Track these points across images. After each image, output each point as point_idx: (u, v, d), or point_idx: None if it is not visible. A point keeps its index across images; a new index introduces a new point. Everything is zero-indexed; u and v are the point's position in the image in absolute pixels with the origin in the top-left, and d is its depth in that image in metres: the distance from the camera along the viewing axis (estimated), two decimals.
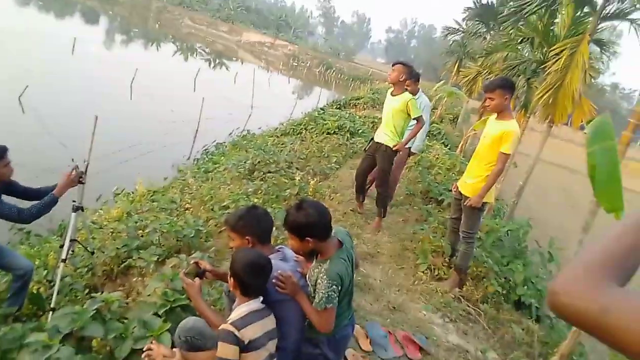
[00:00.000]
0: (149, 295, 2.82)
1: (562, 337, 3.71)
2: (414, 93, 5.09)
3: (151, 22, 60.36)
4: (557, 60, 6.23)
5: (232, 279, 2.16)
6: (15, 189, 3.52)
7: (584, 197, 4.13)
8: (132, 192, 7.13)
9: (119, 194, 7.26)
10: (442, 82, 20.00)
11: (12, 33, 19.10)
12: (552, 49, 6.53)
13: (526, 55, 8.19)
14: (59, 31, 24.65)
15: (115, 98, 15.91)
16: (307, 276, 2.36)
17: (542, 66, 7.06)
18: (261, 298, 2.18)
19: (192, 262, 2.55)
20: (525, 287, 4.51)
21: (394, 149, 4.96)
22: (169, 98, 17.61)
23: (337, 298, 2.19)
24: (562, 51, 6.20)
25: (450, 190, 4.95)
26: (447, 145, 11.00)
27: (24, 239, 5.70)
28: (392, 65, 5.04)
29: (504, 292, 4.39)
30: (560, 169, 18.08)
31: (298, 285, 2.28)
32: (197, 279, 2.35)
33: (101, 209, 6.19)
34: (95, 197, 7.50)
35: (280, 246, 2.55)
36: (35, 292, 3.90)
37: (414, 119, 4.95)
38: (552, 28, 7.29)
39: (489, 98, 3.92)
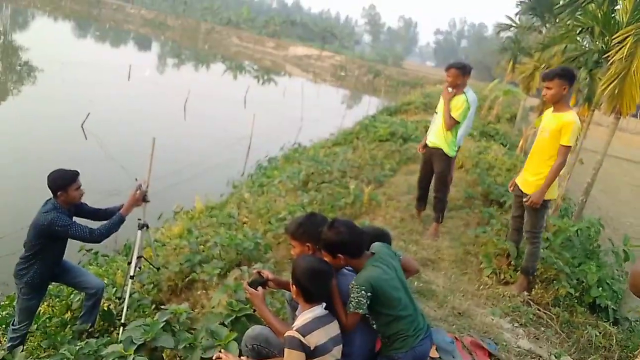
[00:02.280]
0: (213, 307, 2.88)
1: None
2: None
3: (200, 43, 62.65)
4: (620, 49, 5.87)
5: (294, 286, 2.18)
6: (85, 211, 3.72)
7: None
8: (191, 210, 7.36)
9: (179, 211, 7.51)
10: (496, 80, 19.41)
11: (73, 64, 20.39)
12: (614, 37, 6.15)
13: (586, 45, 7.77)
14: (115, 59, 26.03)
15: (170, 120, 16.59)
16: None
17: (605, 56, 6.66)
18: (324, 304, 2.18)
19: (254, 271, 2.58)
20: (600, 288, 4.23)
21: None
22: (221, 116, 18.20)
23: (366, 304, 2.19)
24: (625, 38, 5.82)
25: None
26: (505, 145, 10.63)
27: (92, 260, 5.97)
28: (446, 70, 4.93)
29: (577, 294, 4.14)
30: (631, 163, 17.01)
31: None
32: (260, 288, 2.38)
33: (163, 227, 6.41)
34: (157, 216, 7.83)
35: None
36: (106, 309, 4.11)
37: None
38: (613, 15, 6.89)
39: (547, 87, 3.78)
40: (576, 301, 4.08)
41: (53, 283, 4.12)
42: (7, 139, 10.87)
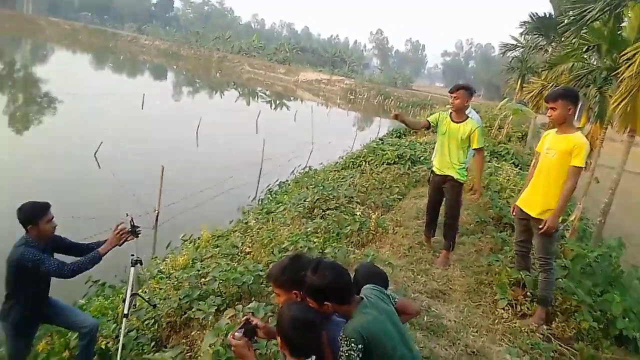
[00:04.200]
0: (201, 354, 2.67)
1: None
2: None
3: (213, 72, 63.73)
4: (630, 65, 5.69)
5: (280, 338, 1.97)
6: (65, 245, 3.57)
7: None
8: (198, 238, 7.20)
9: (186, 240, 7.36)
10: (505, 99, 19.21)
11: (89, 95, 20.75)
12: (622, 54, 5.99)
13: (594, 63, 7.59)
14: (130, 89, 26.46)
15: (182, 147, 16.70)
16: None
17: (614, 73, 6.48)
18: (314, 357, 1.95)
19: (243, 318, 2.37)
20: (626, 319, 3.94)
21: (475, 197, 4.73)
22: (233, 142, 18.24)
23: (357, 358, 1.95)
24: (634, 55, 5.66)
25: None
26: (517, 165, 10.36)
27: (99, 291, 5.83)
28: (452, 92, 4.71)
29: (601, 326, 3.85)
30: None
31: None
32: (244, 338, 2.13)
33: (167, 257, 6.25)
34: (165, 245, 7.70)
35: None
36: (103, 347, 3.91)
37: (475, 149, 4.64)
38: (619, 32, 6.74)
39: (552, 108, 3.69)
40: (601, 334, 3.78)
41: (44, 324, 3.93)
42: (23, 168, 10.96)
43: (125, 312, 3.58)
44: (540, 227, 3.72)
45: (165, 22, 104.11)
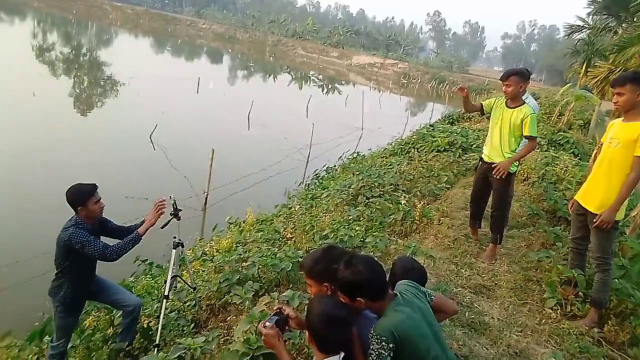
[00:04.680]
0: (235, 340, 2.70)
1: None
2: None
3: (267, 55, 64.32)
4: None
5: (308, 332, 1.93)
6: (109, 228, 3.69)
7: None
8: (243, 222, 7.31)
9: (232, 223, 7.48)
10: (568, 85, 18.18)
11: (147, 78, 21.50)
12: None
13: None
14: (187, 72, 27.14)
15: (234, 130, 17.03)
16: None
17: None
18: (342, 354, 1.90)
19: (275, 308, 2.36)
20: None
21: (495, 172, 4.36)
22: (283, 126, 18.40)
23: (389, 357, 1.87)
24: None
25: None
26: (577, 155, 9.76)
27: (147, 270, 6.05)
28: (503, 80, 4.45)
29: None
30: None
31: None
32: (274, 328, 2.11)
33: (212, 240, 6.38)
34: (212, 227, 7.88)
35: None
36: (145, 326, 4.06)
37: (526, 137, 4.36)
38: None
39: (618, 94, 3.37)
40: None
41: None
42: (82, 150, 11.55)
43: (166, 293, 3.67)
44: (594, 220, 3.47)
45: (222, 6, 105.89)
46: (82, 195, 3.38)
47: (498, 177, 4.28)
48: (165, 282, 3.79)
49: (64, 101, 17.11)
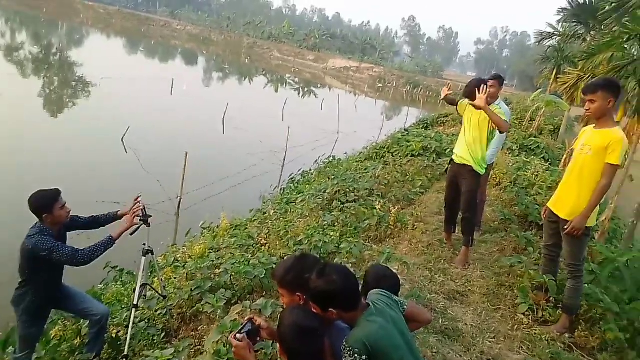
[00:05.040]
0: (205, 351, 2.62)
1: None
2: (495, 97, 4.53)
3: (243, 57, 63.93)
4: None
5: (279, 344, 1.89)
6: (80, 224, 3.59)
7: None
8: (217, 227, 7.20)
9: (206, 228, 7.36)
10: (539, 90, 18.60)
11: (120, 79, 21.04)
12: None
13: (635, 54, 7.17)
14: (160, 74, 26.72)
15: (208, 133, 16.83)
16: None
17: None
18: None
19: (246, 318, 2.29)
20: None
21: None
22: (259, 129, 18.26)
23: None
24: None
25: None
26: (547, 160, 9.98)
27: (118, 277, 5.88)
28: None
29: (628, 337, 3.63)
30: None
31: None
32: (245, 339, 2.05)
33: (184, 246, 6.26)
34: (185, 232, 7.73)
35: None
36: (114, 336, 3.93)
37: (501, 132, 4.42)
38: None
39: (590, 101, 3.37)
40: (627, 345, 3.57)
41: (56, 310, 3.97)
42: (52, 152, 11.22)
43: (135, 302, 3.57)
44: (564, 227, 3.51)
45: (197, 7, 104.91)
46: (46, 201, 3.25)
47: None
48: (135, 290, 3.68)
49: (33, 102, 16.62)
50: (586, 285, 3.96)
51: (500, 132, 4.58)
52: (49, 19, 59.43)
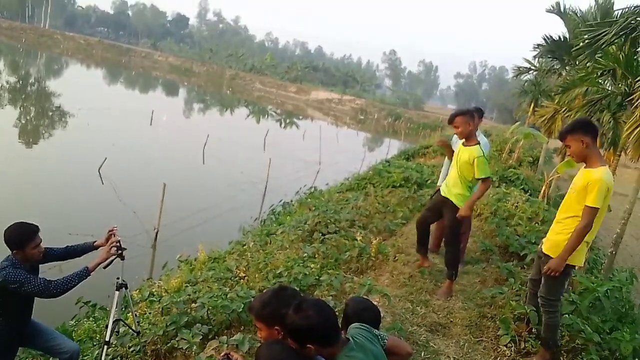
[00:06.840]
0: None
1: None
2: (475, 131, 4.58)
3: (225, 89, 64.33)
4: None
5: None
6: (54, 256, 3.48)
7: None
8: (195, 260, 7.04)
9: (183, 261, 7.19)
10: (517, 123, 19.05)
11: (100, 109, 20.94)
12: (638, 79, 5.83)
13: (608, 88, 7.42)
14: (141, 105, 26.67)
15: (188, 164, 16.71)
16: None
17: (629, 99, 6.31)
18: None
19: (222, 354, 2.20)
20: (637, 359, 3.69)
21: (458, 216, 4.45)
22: (239, 160, 18.21)
23: None
24: None
25: (534, 243, 4.26)
26: (527, 191, 10.11)
27: (90, 312, 5.67)
28: (450, 123, 4.56)
29: None
30: None
31: None
32: None
33: (160, 279, 6.09)
34: (162, 265, 7.54)
35: None
36: None
37: (479, 179, 4.44)
38: (635, 57, 6.58)
39: (567, 146, 3.39)
40: None
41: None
42: (27, 182, 10.98)
43: (107, 339, 3.42)
44: (543, 269, 3.47)
45: (179, 39, 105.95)
46: (20, 238, 3.13)
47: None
48: (107, 326, 3.53)
49: (9, 132, 16.35)
50: (567, 315, 3.94)
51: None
52: (28, 49, 59.30)
